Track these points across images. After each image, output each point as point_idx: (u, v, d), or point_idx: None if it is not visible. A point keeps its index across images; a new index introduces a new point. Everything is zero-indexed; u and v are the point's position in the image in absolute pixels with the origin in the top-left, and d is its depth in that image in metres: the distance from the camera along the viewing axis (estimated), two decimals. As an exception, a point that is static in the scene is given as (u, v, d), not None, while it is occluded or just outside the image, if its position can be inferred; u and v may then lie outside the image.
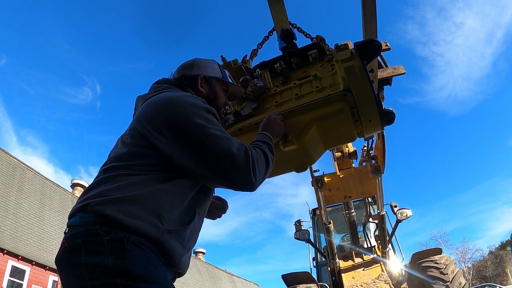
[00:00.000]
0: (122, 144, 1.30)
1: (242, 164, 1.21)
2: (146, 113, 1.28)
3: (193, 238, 1.27)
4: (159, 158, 1.21)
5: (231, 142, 1.23)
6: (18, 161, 15.97)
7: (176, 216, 1.18)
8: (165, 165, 1.21)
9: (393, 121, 1.74)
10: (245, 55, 2.40)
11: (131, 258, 1.02)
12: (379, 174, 4.29)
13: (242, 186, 1.25)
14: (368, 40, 1.66)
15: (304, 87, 1.82)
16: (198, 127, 1.20)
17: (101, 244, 1.02)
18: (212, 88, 1.55)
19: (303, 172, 1.85)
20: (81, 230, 1.07)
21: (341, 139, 1.88)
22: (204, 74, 1.55)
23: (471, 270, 37.40)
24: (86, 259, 1.01)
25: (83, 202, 1.12)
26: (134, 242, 1.04)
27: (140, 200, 1.11)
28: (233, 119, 1.85)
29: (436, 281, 4.06)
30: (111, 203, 1.08)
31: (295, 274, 4.85)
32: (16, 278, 12.83)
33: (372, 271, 5.00)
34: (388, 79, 2.30)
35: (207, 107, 1.30)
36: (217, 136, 1.21)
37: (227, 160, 1.19)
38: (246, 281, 33.14)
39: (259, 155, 1.32)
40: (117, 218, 1.06)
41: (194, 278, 23.70)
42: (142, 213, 1.09)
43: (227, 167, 1.20)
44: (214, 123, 1.26)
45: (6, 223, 13.13)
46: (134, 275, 1.00)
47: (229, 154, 1.19)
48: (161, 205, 1.14)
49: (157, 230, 1.10)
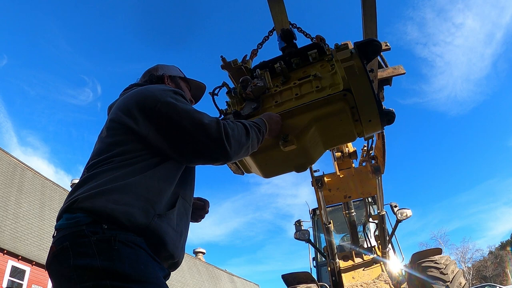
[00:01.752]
0: (99, 141, 1.33)
1: (214, 133, 1.21)
2: (118, 106, 1.34)
3: (182, 222, 1.27)
4: (137, 141, 1.23)
5: (202, 114, 1.26)
6: (18, 161, 15.97)
7: (161, 200, 1.19)
8: (144, 149, 1.23)
9: (393, 121, 1.74)
10: (245, 55, 2.39)
11: (120, 258, 1.01)
12: (379, 174, 4.29)
13: (216, 156, 1.26)
14: (368, 40, 1.66)
15: (304, 87, 1.82)
16: (168, 104, 1.24)
17: (89, 245, 1.02)
18: (178, 85, 1.67)
19: (303, 172, 1.85)
20: (68, 232, 1.06)
21: (341, 139, 1.88)
22: (169, 73, 1.68)
23: (471, 270, 37.41)
24: (74, 262, 1.00)
25: (70, 201, 1.12)
26: (122, 241, 1.04)
27: (127, 188, 1.12)
28: (233, 119, 1.85)
29: (436, 281, 4.06)
30: (98, 196, 1.09)
31: (295, 274, 4.85)
32: (16, 278, 12.82)
33: (372, 271, 5.00)
34: (388, 79, 2.30)
35: (174, 89, 1.36)
36: (187, 110, 1.25)
37: (199, 131, 1.21)
38: (246, 281, 33.14)
39: (236, 126, 1.33)
40: (107, 209, 1.06)
41: (194, 278, 23.70)
42: (131, 200, 1.10)
43: (199, 138, 1.21)
44: (183, 101, 1.30)
45: (6, 223, 13.12)
46: (124, 275, 0.99)
47: (200, 125, 1.21)
48: (149, 190, 1.15)
49: (147, 216, 1.11)
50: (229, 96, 2.01)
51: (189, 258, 25.56)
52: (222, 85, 1.99)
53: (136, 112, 1.25)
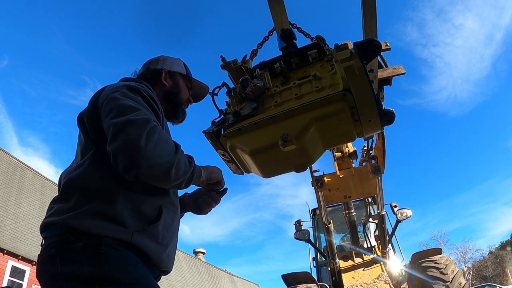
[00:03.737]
0: (75, 156, 1.29)
1: (135, 131, 1.01)
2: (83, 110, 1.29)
3: (169, 233, 1.20)
4: (95, 150, 1.17)
5: (138, 111, 1.09)
6: (18, 161, 15.96)
7: (140, 214, 1.12)
8: (103, 158, 1.13)
9: (393, 121, 1.74)
10: (245, 55, 2.39)
11: (107, 263, 0.99)
12: (379, 174, 4.29)
13: (125, 153, 1.01)
14: (368, 40, 1.66)
15: (303, 87, 1.82)
16: (112, 99, 1.14)
17: (75, 251, 1.00)
18: (176, 82, 1.59)
19: (302, 172, 1.85)
20: (55, 240, 1.06)
21: (340, 139, 1.88)
22: (169, 68, 1.59)
23: (471, 270, 37.41)
24: (61, 269, 0.99)
25: (48, 221, 1.11)
26: (108, 244, 1.02)
27: (97, 209, 1.06)
28: (233, 119, 1.84)
29: (436, 281, 4.06)
30: (72, 219, 1.05)
31: (295, 274, 4.85)
32: (16, 278, 12.83)
33: (372, 271, 4.99)
34: (388, 79, 2.30)
35: (134, 86, 1.22)
36: (125, 105, 1.11)
37: (123, 124, 1.03)
38: (246, 281, 33.13)
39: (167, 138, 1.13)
40: (82, 229, 1.03)
41: (194, 278, 23.69)
42: (104, 220, 1.05)
43: (120, 131, 1.02)
44: (130, 97, 1.16)
45: (6, 223, 13.12)
46: (113, 279, 0.98)
47: (128, 121, 1.04)
48: (119, 207, 1.08)
49: (125, 233, 1.06)
50: (229, 96, 2.01)
51: (189, 258, 25.55)
52: (222, 85, 1.99)
53: (91, 113, 1.21)
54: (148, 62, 1.62)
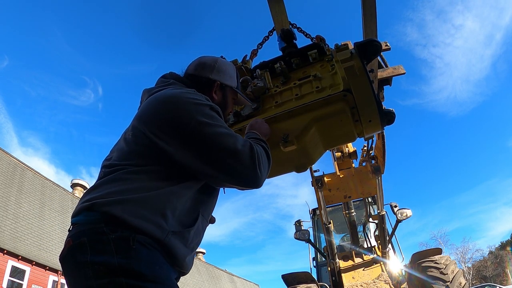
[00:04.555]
0: (124, 141, 1.28)
1: (247, 160, 1.20)
2: (148, 111, 1.27)
3: (197, 239, 1.26)
4: (161, 158, 1.19)
5: (236, 138, 1.22)
6: (18, 161, 15.97)
7: (180, 217, 1.17)
8: (168, 165, 1.19)
9: (393, 121, 1.74)
10: (245, 55, 2.39)
11: (137, 257, 1.01)
12: (379, 174, 4.29)
13: (248, 182, 1.24)
14: (368, 40, 1.66)
15: (304, 87, 1.82)
16: (201, 125, 1.18)
17: (107, 242, 1.02)
18: (225, 97, 1.54)
19: (303, 172, 1.85)
20: (87, 228, 1.06)
21: (341, 139, 1.88)
22: (222, 81, 1.51)
23: (471, 270, 37.41)
24: (91, 258, 1.00)
25: (89, 202, 1.11)
26: (139, 241, 1.04)
27: (145, 201, 1.11)
28: (233, 119, 1.85)
29: (436, 281, 4.06)
30: (116, 203, 1.08)
31: (295, 274, 4.85)
32: (16, 278, 12.83)
33: (372, 271, 5.00)
34: (388, 79, 2.30)
35: (210, 104, 1.28)
36: (221, 133, 1.20)
37: (233, 157, 1.18)
38: (246, 281, 33.14)
39: (262, 151, 1.30)
40: (122, 217, 1.05)
41: (194, 278, 23.69)
42: (147, 214, 1.09)
43: (232, 164, 1.18)
44: (218, 120, 1.24)
45: (6, 223, 13.12)
46: (139, 274, 0.99)
47: (234, 151, 1.18)
48: (166, 206, 1.13)
49: (162, 231, 1.09)
50: (229, 96, 2.01)
51: (189, 258, 25.55)
52: (222, 85, 1.99)
53: (166, 128, 1.19)
54: (201, 65, 1.52)
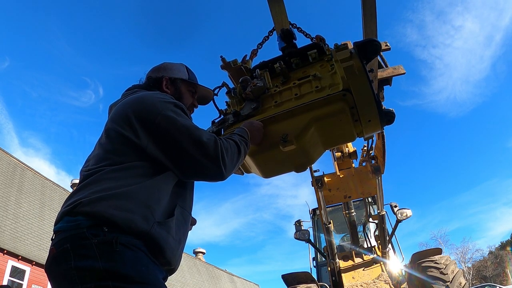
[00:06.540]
0: (99, 146, 1.32)
1: (211, 153, 1.24)
2: (118, 112, 1.33)
3: (181, 230, 1.28)
4: (136, 153, 1.24)
5: (201, 132, 1.27)
6: (18, 161, 15.96)
7: (162, 208, 1.20)
8: (143, 158, 1.24)
9: (393, 121, 1.74)
10: (245, 55, 2.39)
11: (121, 260, 1.02)
12: (379, 174, 4.29)
13: (212, 175, 1.29)
14: (367, 40, 1.66)
15: (303, 87, 1.82)
16: (168, 118, 1.25)
17: (90, 247, 1.02)
18: (177, 89, 1.61)
19: (302, 172, 1.85)
20: (69, 234, 1.06)
21: (340, 139, 1.88)
22: (169, 75, 1.61)
23: (471, 270, 37.41)
24: (75, 264, 1.00)
25: (71, 204, 1.12)
26: (123, 243, 1.05)
27: (128, 195, 1.13)
28: (233, 119, 1.85)
29: (436, 281, 4.06)
30: (101, 200, 1.09)
31: (295, 274, 4.85)
32: (16, 278, 12.82)
33: (372, 271, 5.00)
34: (388, 79, 2.30)
35: (175, 102, 1.35)
36: (187, 126, 1.25)
37: (197, 149, 1.23)
38: (246, 281, 33.13)
39: (230, 145, 1.36)
40: (108, 213, 1.06)
41: (194, 278, 23.70)
42: (133, 207, 1.11)
43: (197, 156, 1.23)
44: (183, 116, 1.30)
45: (6, 223, 13.12)
46: (126, 276, 1.00)
47: (198, 143, 1.23)
48: (149, 198, 1.17)
49: (147, 223, 1.11)
50: (229, 96, 2.02)
51: (189, 258, 25.56)
52: (222, 85, 1.99)
53: (136, 123, 1.25)
54: (150, 70, 1.66)
